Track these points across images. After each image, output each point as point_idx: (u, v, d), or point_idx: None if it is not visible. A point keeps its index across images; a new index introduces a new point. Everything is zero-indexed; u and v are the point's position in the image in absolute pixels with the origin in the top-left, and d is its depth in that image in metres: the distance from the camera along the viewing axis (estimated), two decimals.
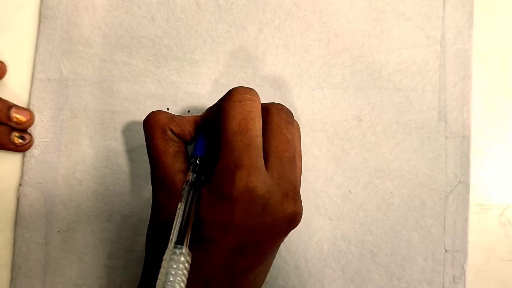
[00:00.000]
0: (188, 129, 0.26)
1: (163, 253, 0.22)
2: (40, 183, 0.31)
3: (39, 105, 0.32)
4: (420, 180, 0.31)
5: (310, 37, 0.32)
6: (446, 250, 0.30)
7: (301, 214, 0.24)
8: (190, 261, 0.21)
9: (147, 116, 0.26)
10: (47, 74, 0.32)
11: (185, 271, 0.20)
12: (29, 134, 0.31)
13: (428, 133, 0.31)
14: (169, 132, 0.26)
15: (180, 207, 0.23)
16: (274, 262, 0.29)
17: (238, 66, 0.32)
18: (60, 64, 0.32)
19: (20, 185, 0.32)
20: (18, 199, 0.31)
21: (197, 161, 0.25)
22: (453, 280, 0.30)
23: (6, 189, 0.32)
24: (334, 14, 0.32)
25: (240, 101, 0.24)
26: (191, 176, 0.24)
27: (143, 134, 0.31)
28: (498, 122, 0.31)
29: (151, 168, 0.26)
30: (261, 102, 0.25)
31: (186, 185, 0.24)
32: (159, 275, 0.20)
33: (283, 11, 0.32)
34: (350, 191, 0.31)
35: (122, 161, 0.31)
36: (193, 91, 0.32)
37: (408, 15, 0.31)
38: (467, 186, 0.30)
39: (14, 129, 0.31)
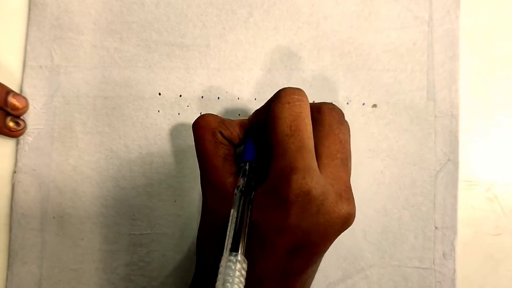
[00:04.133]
0: (237, 132, 0.26)
1: (215, 255, 0.22)
2: (34, 170, 0.32)
3: (31, 92, 0.32)
4: (410, 159, 0.31)
5: (299, 20, 0.32)
6: (436, 227, 0.31)
7: (354, 214, 0.24)
8: (246, 268, 0.21)
9: (197, 119, 0.26)
10: (39, 61, 0.32)
11: (241, 278, 0.20)
12: (23, 120, 0.32)
13: (417, 112, 0.31)
14: (219, 135, 0.26)
15: (233, 214, 0.23)
16: None
17: (229, 49, 0.32)
18: (51, 51, 0.32)
19: (15, 172, 0.32)
20: (13, 186, 0.32)
21: (248, 166, 0.25)
22: (443, 257, 0.31)
23: (0, 176, 0.32)
24: None
25: (289, 103, 0.24)
26: (242, 181, 0.24)
27: (135, 119, 0.32)
28: (484, 100, 0.32)
29: (201, 171, 0.26)
30: (310, 101, 0.25)
31: (238, 191, 0.24)
32: (217, 282, 0.20)
33: None
34: None
35: (115, 146, 0.32)
36: (184, 75, 0.32)
37: None
38: (456, 164, 0.31)
39: (9, 114, 0.31)
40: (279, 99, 0.24)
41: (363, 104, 0.31)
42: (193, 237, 0.31)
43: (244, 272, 0.21)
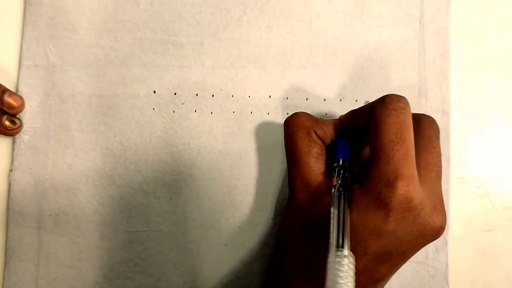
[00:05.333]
0: (330, 132, 0.27)
1: (306, 250, 0.23)
2: (30, 168, 0.32)
3: (27, 91, 0.32)
4: None
5: (292, 18, 0.32)
6: None
7: (445, 228, 0.24)
8: (354, 263, 0.21)
9: (290, 116, 0.27)
10: (34, 61, 0.32)
11: (351, 272, 0.21)
12: (19, 119, 0.32)
13: None
14: (313, 134, 0.26)
15: (334, 212, 0.23)
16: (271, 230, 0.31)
17: (223, 47, 0.32)
18: (47, 50, 0.32)
19: (11, 170, 0.32)
20: (9, 184, 0.32)
21: (342, 165, 0.26)
22: (436, 251, 0.31)
23: None
24: None
25: (395, 110, 0.24)
26: (339, 180, 0.25)
27: (130, 117, 0.32)
28: (476, 97, 0.32)
29: (291, 168, 0.27)
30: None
31: (335, 190, 0.24)
32: (327, 279, 0.21)
33: None
34: None
35: (111, 144, 0.32)
36: (179, 73, 0.32)
37: None
38: (447, 160, 0.31)
39: (4, 113, 0.31)
40: (385, 105, 0.24)
41: (356, 100, 0.32)
42: (189, 234, 0.32)
43: (352, 267, 0.21)
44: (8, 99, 0.31)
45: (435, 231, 0.24)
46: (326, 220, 0.23)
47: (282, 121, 0.32)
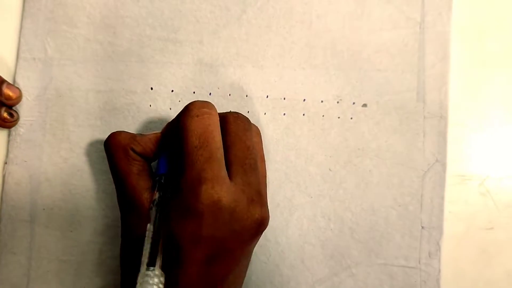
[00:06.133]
0: (149, 147, 0.27)
1: (136, 270, 0.22)
2: (25, 161, 0.32)
3: (24, 84, 0.32)
4: (398, 159, 0.31)
5: (292, 18, 0.32)
6: (422, 227, 0.31)
7: (267, 217, 0.25)
8: (163, 282, 0.22)
9: (107, 137, 0.27)
10: (32, 54, 0.32)
11: None
12: (16, 112, 0.32)
13: (406, 113, 0.31)
14: (131, 152, 0.26)
15: (150, 228, 0.23)
16: None
17: (222, 46, 0.32)
18: (45, 43, 0.32)
19: (6, 163, 0.32)
20: (3, 177, 0.32)
21: (162, 180, 0.26)
22: (429, 256, 0.31)
23: None
24: None
25: (197, 116, 0.24)
26: (157, 195, 0.25)
27: (126, 113, 0.32)
28: (477, 96, 0.32)
29: (116, 189, 0.27)
30: (218, 112, 0.26)
31: (153, 205, 0.24)
32: None
33: None
34: (330, 170, 0.31)
35: None
36: (177, 70, 0.32)
37: None
38: (444, 165, 0.31)
39: (2, 105, 0.31)
40: (188, 112, 0.25)
41: (353, 103, 0.32)
42: None
43: (161, 286, 0.21)
44: (6, 90, 0.31)
45: (257, 223, 0.24)
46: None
47: (279, 122, 0.32)
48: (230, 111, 0.27)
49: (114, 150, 0.26)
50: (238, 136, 0.26)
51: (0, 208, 0.32)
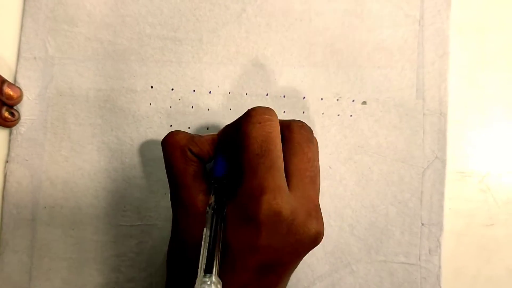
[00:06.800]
0: (206, 148, 0.26)
1: (188, 274, 0.22)
2: (26, 160, 0.32)
3: (25, 83, 0.32)
4: (398, 156, 0.31)
5: (291, 16, 0.32)
6: (422, 224, 0.31)
7: (323, 233, 0.24)
8: None
9: (165, 136, 0.26)
10: (33, 53, 0.32)
11: None
12: (17, 111, 0.32)
13: (406, 110, 0.32)
14: (189, 152, 0.26)
15: (206, 233, 0.23)
16: None
17: (221, 44, 0.32)
18: (46, 42, 0.32)
19: (7, 162, 0.32)
20: (5, 176, 0.32)
21: (218, 183, 0.25)
22: (429, 253, 0.31)
23: None
24: None
25: (259, 122, 0.24)
26: (213, 199, 0.24)
27: (127, 112, 0.32)
28: (477, 92, 0.32)
29: (170, 189, 0.26)
30: (280, 118, 0.25)
31: (210, 209, 0.24)
32: None
33: None
34: (330, 167, 0.32)
35: (107, 138, 0.32)
36: (177, 69, 0.32)
37: None
38: (443, 162, 0.31)
39: (3, 104, 0.31)
40: (250, 119, 0.24)
41: (353, 101, 0.32)
42: None
43: None
44: (7, 89, 0.31)
45: (312, 238, 0.24)
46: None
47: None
48: (294, 120, 0.26)
49: (172, 149, 0.26)
50: (301, 147, 0.25)
51: (2, 207, 0.32)
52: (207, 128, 0.32)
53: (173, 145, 0.26)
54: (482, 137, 0.32)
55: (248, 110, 0.25)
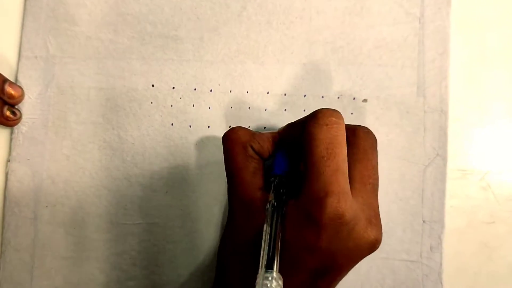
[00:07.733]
0: (267, 145, 0.26)
1: (243, 269, 0.23)
2: (28, 159, 0.32)
3: (26, 82, 0.32)
4: (399, 153, 0.31)
5: (292, 14, 0.32)
6: (424, 221, 0.31)
7: (380, 241, 0.24)
8: (282, 285, 0.21)
9: (227, 132, 0.27)
10: (34, 52, 0.32)
11: None
12: (19, 110, 0.32)
13: (407, 107, 0.32)
14: (250, 149, 0.26)
15: (267, 229, 0.23)
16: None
17: (222, 43, 0.32)
18: (47, 41, 0.32)
19: (9, 161, 0.32)
20: (6, 174, 0.32)
21: (278, 180, 0.25)
22: (431, 250, 0.31)
23: None
24: None
25: (327, 125, 0.23)
26: (272, 197, 0.24)
27: (128, 110, 0.32)
28: (478, 90, 0.32)
29: (229, 184, 0.26)
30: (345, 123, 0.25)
31: (270, 206, 0.24)
32: None
33: None
34: None
35: (109, 136, 0.32)
36: (178, 67, 0.32)
37: None
38: (444, 159, 0.31)
39: (5, 103, 0.31)
40: (317, 120, 0.24)
41: (354, 98, 0.32)
42: (184, 227, 0.32)
43: None
44: (8, 89, 0.31)
45: (370, 245, 0.24)
46: (260, 238, 0.23)
47: (280, 118, 0.32)
48: (360, 125, 0.26)
49: (233, 145, 0.26)
50: (366, 153, 0.25)
51: (4, 206, 0.32)
52: (208, 127, 0.32)
53: (234, 140, 0.26)
54: (482, 135, 0.32)
55: (315, 111, 0.24)
